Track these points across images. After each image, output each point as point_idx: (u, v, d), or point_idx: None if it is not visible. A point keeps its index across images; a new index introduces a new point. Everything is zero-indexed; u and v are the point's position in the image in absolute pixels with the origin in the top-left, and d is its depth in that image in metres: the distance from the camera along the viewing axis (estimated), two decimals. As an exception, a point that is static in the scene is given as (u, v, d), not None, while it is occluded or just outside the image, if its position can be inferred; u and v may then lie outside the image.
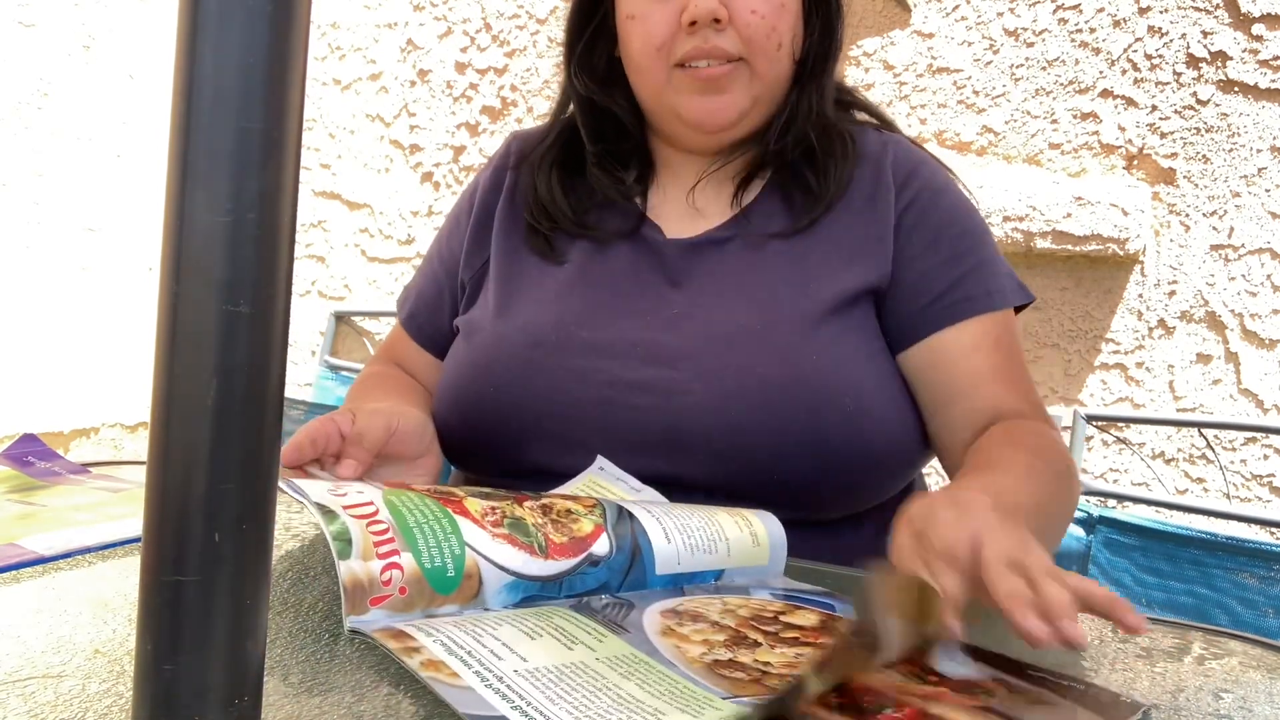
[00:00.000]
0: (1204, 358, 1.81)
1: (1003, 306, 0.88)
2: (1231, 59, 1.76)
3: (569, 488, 0.77)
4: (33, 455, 0.89)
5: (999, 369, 0.86)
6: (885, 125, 1.00)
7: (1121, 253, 1.80)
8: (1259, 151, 1.75)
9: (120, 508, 0.75)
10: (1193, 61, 1.79)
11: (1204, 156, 1.79)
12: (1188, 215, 1.81)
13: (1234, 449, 1.79)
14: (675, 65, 0.87)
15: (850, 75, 2.02)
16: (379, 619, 0.53)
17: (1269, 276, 1.76)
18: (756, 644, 0.53)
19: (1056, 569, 0.53)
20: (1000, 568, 0.52)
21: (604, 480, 0.78)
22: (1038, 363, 1.91)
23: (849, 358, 0.84)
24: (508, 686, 0.45)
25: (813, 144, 0.91)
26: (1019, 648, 0.51)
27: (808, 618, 0.59)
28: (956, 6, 1.95)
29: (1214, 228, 1.79)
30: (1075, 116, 1.88)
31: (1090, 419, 1.68)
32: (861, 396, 0.82)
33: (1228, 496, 1.77)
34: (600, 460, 0.81)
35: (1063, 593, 0.49)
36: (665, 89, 0.88)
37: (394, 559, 0.54)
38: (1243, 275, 1.77)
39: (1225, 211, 1.78)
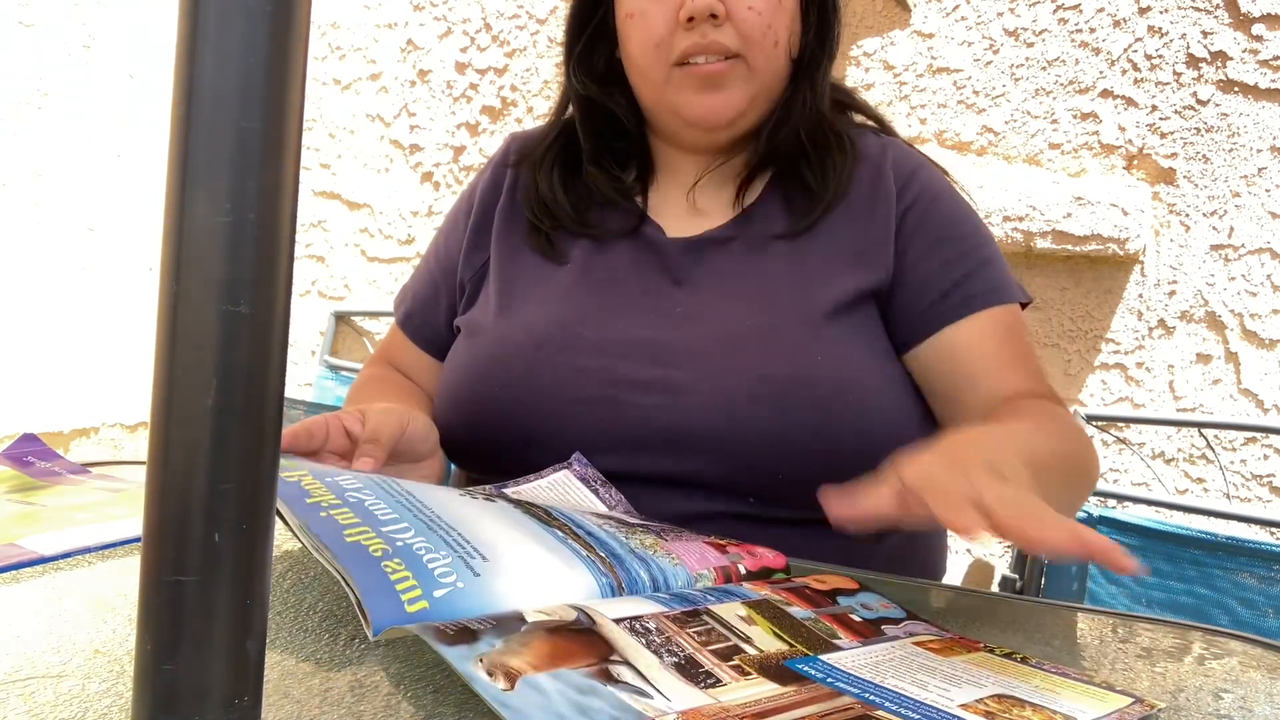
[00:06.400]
0: (1204, 358, 1.81)
1: (1009, 300, 0.88)
2: (1231, 59, 1.76)
3: (536, 487, 0.78)
4: (33, 455, 0.89)
5: (1010, 357, 0.86)
6: (882, 128, 1.00)
7: (1121, 253, 1.80)
8: (1259, 151, 1.75)
9: (120, 508, 0.75)
10: (1193, 61, 1.79)
11: (1204, 156, 1.79)
12: (1188, 215, 1.81)
13: (1234, 449, 1.79)
14: (674, 64, 0.87)
15: (850, 75, 2.02)
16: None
17: (1269, 276, 1.76)
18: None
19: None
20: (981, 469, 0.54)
21: (571, 493, 0.78)
22: (1038, 363, 1.91)
23: (853, 357, 0.84)
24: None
25: (807, 142, 0.91)
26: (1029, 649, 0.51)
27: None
28: (956, 6, 1.95)
29: (1214, 228, 1.79)
30: (1075, 116, 1.88)
31: (1090, 419, 1.68)
32: (865, 395, 0.82)
33: (1228, 496, 1.77)
34: (576, 459, 0.81)
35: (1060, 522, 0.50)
36: (665, 87, 0.88)
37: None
38: (1243, 275, 1.77)
39: (1225, 211, 1.78)
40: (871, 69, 2.02)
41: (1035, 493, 0.54)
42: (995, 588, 1.65)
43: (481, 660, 0.45)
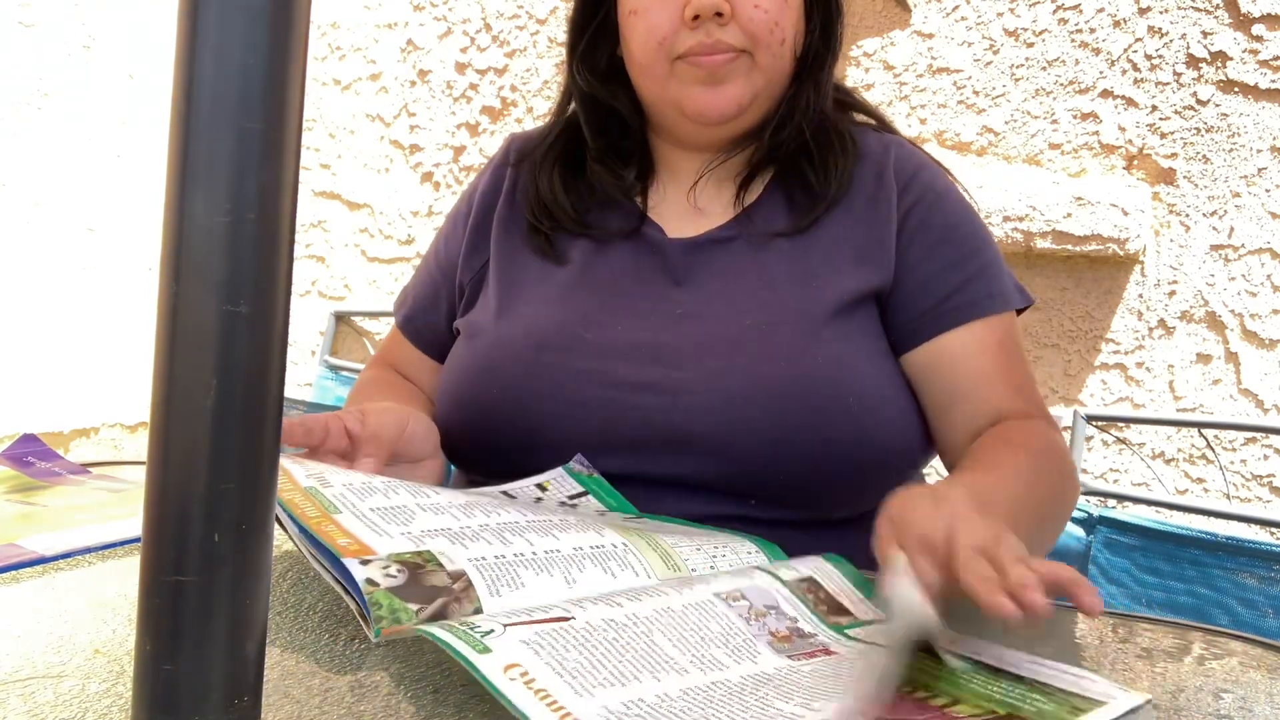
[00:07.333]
0: (1204, 358, 1.81)
1: (1005, 309, 0.88)
2: (1231, 59, 1.76)
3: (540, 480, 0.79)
4: (33, 455, 0.89)
5: (1002, 370, 0.86)
6: (884, 126, 1.00)
7: (1121, 253, 1.80)
8: (1259, 151, 1.75)
9: (120, 508, 0.75)
10: (1193, 61, 1.79)
11: (1204, 156, 1.79)
12: (1188, 215, 1.81)
13: (1234, 449, 1.79)
14: (676, 58, 0.87)
15: (850, 75, 2.02)
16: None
17: (1269, 276, 1.76)
18: None
19: (1027, 555, 0.55)
20: (970, 554, 0.54)
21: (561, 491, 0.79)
22: (1038, 363, 1.91)
23: (852, 358, 0.84)
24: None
25: (810, 140, 0.91)
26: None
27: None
28: (956, 6, 1.95)
29: (1214, 228, 1.79)
30: (1075, 116, 1.88)
31: (1090, 419, 1.68)
32: (864, 397, 0.82)
33: (1228, 496, 1.77)
34: (578, 460, 0.82)
35: (1028, 573, 0.52)
36: (667, 82, 0.88)
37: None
38: (1243, 275, 1.77)
39: (1225, 211, 1.78)
40: (871, 69, 2.02)
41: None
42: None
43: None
